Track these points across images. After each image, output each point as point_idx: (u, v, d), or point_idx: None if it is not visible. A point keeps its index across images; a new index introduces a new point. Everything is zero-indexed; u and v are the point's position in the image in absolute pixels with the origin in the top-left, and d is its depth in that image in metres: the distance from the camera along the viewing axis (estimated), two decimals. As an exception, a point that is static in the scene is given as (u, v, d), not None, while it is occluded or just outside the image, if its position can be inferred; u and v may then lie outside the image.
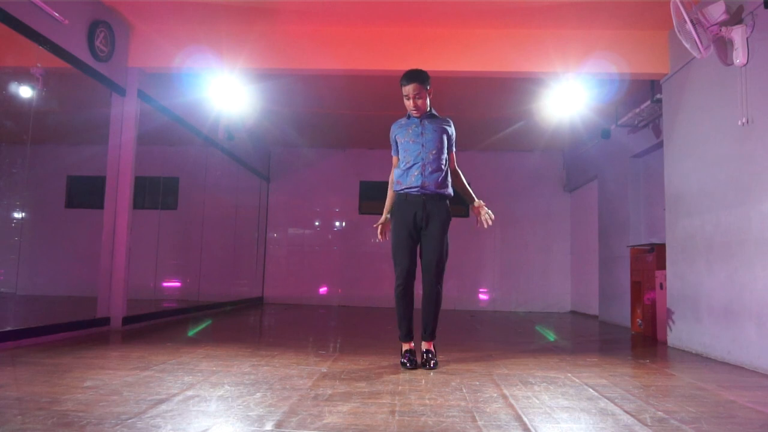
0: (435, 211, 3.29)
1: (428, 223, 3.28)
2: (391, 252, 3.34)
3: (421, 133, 3.32)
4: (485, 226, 3.35)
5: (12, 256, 4.43)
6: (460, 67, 5.00)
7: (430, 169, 3.28)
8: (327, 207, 9.50)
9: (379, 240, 3.46)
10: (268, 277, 9.28)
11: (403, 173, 3.33)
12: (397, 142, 3.41)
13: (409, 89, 3.28)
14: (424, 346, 3.39)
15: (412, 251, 3.30)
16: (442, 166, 3.33)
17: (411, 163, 3.30)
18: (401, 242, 3.29)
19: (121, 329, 4.82)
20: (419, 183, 3.27)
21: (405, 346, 3.36)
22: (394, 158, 3.46)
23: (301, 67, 5.13)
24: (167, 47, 5.03)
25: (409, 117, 3.41)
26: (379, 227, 3.44)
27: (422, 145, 3.30)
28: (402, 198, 3.33)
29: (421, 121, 3.36)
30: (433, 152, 3.30)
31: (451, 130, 3.43)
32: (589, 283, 8.07)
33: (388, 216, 3.42)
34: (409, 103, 3.31)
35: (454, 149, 3.46)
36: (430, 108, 3.41)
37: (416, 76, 3.27)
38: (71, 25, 4.24)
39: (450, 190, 3.39)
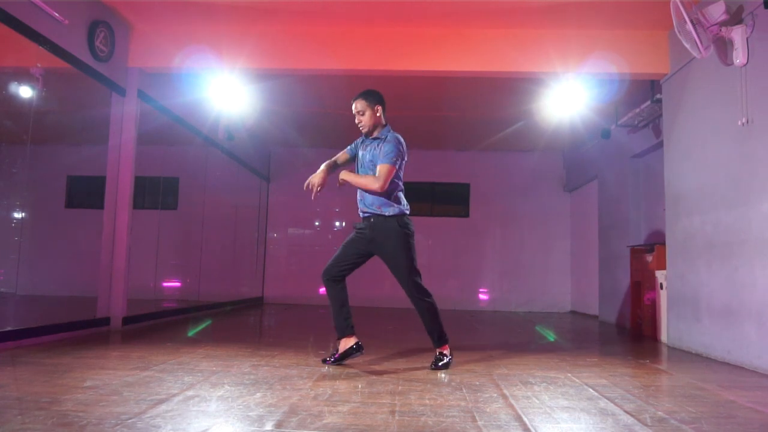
0: (380, 234, 3.26)
1: (378, 246, 3.29)
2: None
3: (361, 159, 3.38)
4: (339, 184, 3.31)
5: (12, 256, 4.43)
6: (460, 67, 5.00)
7: (365, 194, 3.30)
8: (327, 207, 9.50)
9: (309, 188, 3.26)
10: (268, 277, 9.28)
11: (358, 197, 3.38)
12: (356, 148, 3.47)
13: (354, 106, 3.38)
14: (437, 351, 3.37)
15: (347, 258, 3.34)
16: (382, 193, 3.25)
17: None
18: (344, 247, 3.37)
19: (121, 329, 4.82)
20: (360, 207, 3.35)
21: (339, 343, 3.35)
22: (345, 154, 3.50)
23: (301, 67, 5.13)
24: (167, 47, 5.02)
25: (365, 137, 3.43)
26: (315, 185, 3.23)
27: (360, 171, 3.38)
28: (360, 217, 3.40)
29: (363, 144, 3.41)
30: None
31: (386, 147, 3.24)
32: (589, 283, 8.07)
33: (324, 170, 3.30)
34: (356, 121, 3.39)
35: (383, 162, 3.20)
36: (385, 127, 3.37)
37: (360, 94, 3.36)
38: (71, 25, 4.23)
39: (394, 209, 3.25)
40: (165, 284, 6.59)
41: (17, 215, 4.59)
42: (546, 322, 6.99)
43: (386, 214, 3.25)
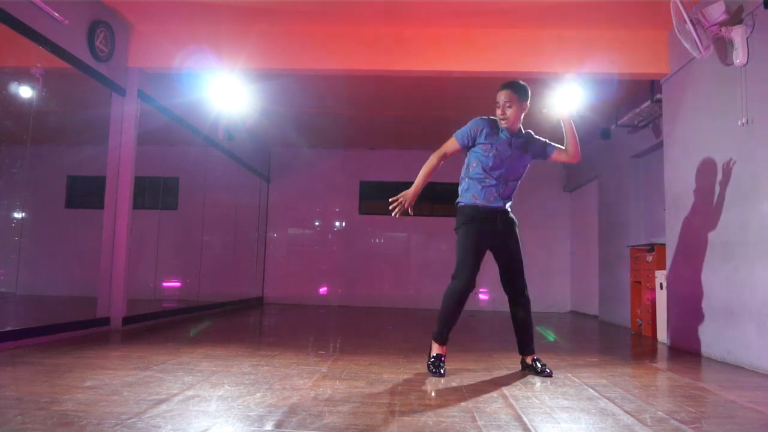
0: (508, 228, 3.24)
1: (505, 240, 3.22)
2: (459, 257, 3.15)
3: (510, 156, 3.19)
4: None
5: (12, 256, 4.43)
6: (460, 67, 5.00)
7: (507, 193, 3.23)
8: (327, 207, 9.50)
9: (395, 213, 3.21)
10: (268, 277, 9.28)
11: (480, 188, 3.18)
12: (474, 138, 3.23)
13: (500, 96, 3.22)
14: (529, 359, 3.25)
15: (480, 261, 3.18)
16: (516, 187, 3.31)
17: (491, 181, 3.18)
18: (476, 249, 3.13)
19: (121, 329, 4.82)
20: (497, 204, 3.19)
21: (438, 350, 3.15)
22: (456, 143, 3.26)
23: (301, 67, 5.13)
24: (167, 47, 5.02)
25: (501, 129, 3.23)
26: (405, 201, 3.22)
27: (507, 169, 3.19)
28: (475, 210, 3.19)
29: (511, 139, 3.21)
30: (514, 178, 3.25)
31: (538, 141, 3.35)
32: (589, 283, 8.07)
33: (419, 186, 3.27)
34: (498, 112, 3.21)
35: (556, 146, 3.39)
36: (521, 129, 3.29)
37: (508, 84, 3.22)
38: (71, 25, 4.23)
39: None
40: (165, 284, 6.59)
41: (17, 215, 4.58)
42: (546, 322, 6.99)
43: (509, 210, 3.30)
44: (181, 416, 2.08)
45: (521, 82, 3.28)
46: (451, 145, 3.30)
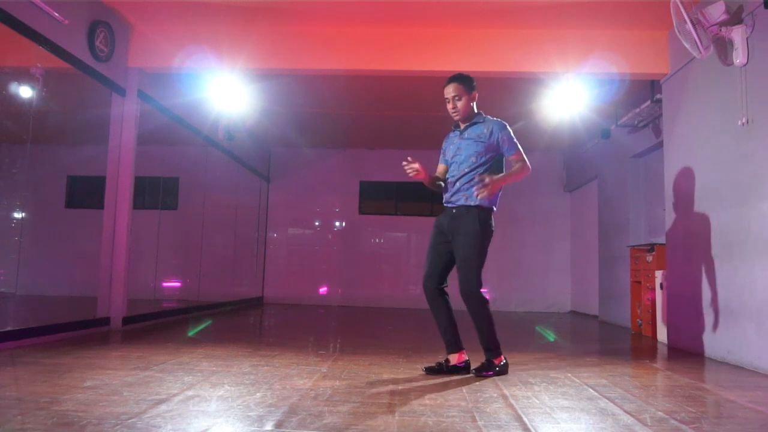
0: (461, 224, 3.11)
1: (452, 235, 3.15)
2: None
3: (458, 149, 3.20)
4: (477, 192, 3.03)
5: (12, 256, 4.43)
6: (460, 67, 4.96)
7: (458, 186, 3.15)
8: (327, 207, 9.50)
9: (408, 163, 3.08)
10: (268, 277, 9.28)
11: (447, 189, 3.26)
12: (444, 151, 3.35)
13: (447, 90, 3.19)
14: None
15: (436, 258, 3.22)
16: (474, 180, 3.10)
17: (450, 177, 3.23)
18: (429, 248, 3.28)
19: (121, 329, 4.82)
20: (448, 198, 3.21)
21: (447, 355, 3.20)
22: (440, 166, 3.35)
23: (301, 67, 5.14)
24: (167, 47, 5.02)
25: (454, 129, 3.30)
26: (418, 165, 3.08)
27: (461, 158, 3.17)
28: (441, 210, 3.30)
29: (461, 133, 3.22)
30: (465, 170, 3.15)
31: (496, 134, 3.16)
32: (589, 283, 8.07)
33: (429, 177, 3.19)
34: (448, 107, 3.21)
35: (514, 151, 3.20)
36: (478, 113, 3.25)
37: (454, 78, 3.19)
38: (71, 25, 4.23)
39: (480, 201, 3.09)
40: (165, 284, 6.59)
41: (17, 215, 4.59)
42: (546, 322, 6.99)
43: (471, 204, 3.12)
44: (181, 416, 2.09)
45: (466, 74, 3.26)
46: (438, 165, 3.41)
